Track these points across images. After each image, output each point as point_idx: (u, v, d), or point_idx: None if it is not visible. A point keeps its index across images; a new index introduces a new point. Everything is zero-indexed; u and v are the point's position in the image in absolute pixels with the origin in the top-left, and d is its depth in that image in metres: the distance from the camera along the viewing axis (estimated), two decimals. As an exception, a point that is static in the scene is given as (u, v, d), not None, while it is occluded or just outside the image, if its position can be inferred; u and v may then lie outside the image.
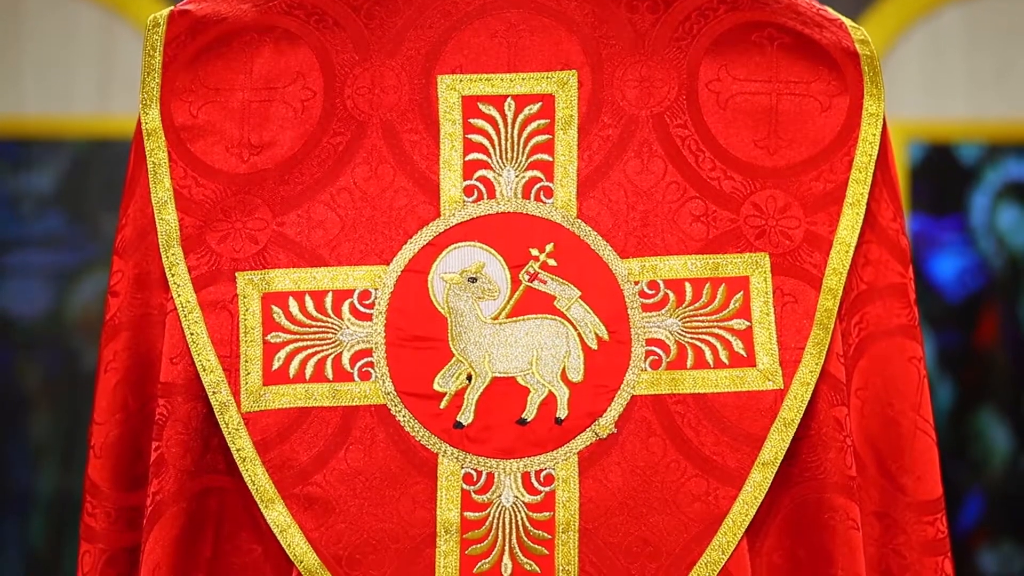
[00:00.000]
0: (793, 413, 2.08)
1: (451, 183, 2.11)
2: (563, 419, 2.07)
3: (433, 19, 2.14)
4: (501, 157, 2.12)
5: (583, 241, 2.10)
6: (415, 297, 2.09)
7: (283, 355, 2.09)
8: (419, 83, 2.13)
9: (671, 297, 2.10)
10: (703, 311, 2.10)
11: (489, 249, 2.10)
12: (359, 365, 2.08)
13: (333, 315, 2.09)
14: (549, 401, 2.07)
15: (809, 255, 2.11)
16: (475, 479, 2.06)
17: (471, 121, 2.12)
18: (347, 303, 2.09)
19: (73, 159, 4.81)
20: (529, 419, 2.07)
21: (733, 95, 2.13)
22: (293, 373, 2.08)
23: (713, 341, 2.09)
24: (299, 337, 2.09)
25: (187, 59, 2.15)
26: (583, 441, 2.07)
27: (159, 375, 2.14)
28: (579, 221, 2.10)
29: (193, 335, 2.09)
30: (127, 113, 2.20)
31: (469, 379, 2.07)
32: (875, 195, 2.17)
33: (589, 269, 2.09)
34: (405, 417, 2.07)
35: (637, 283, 2.10)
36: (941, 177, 4.82)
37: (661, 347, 2.09)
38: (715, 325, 2.09)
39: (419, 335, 2.08)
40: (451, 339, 2.08)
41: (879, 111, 2.15)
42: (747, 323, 2.09)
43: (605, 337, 2.08)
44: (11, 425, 4.82)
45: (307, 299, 2.10)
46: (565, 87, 2.13)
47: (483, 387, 2.07)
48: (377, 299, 2.09)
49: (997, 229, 4.89)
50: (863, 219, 2.14)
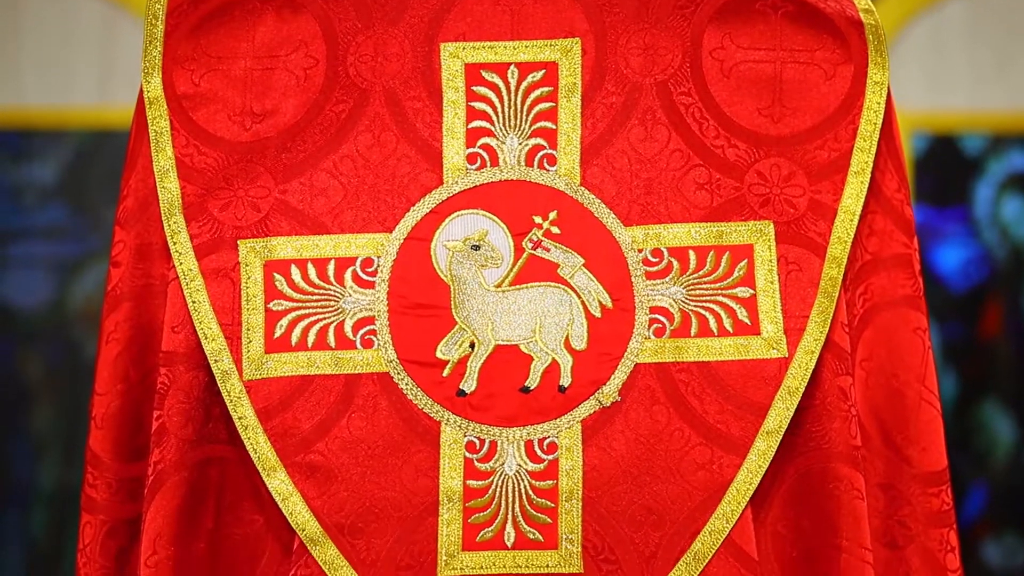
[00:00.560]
0: (797, 381, 2.07)
1: (454, 151, 2.10)
2: (566, 387, 2.06)
3: None
4: (504, 125, 2.11)
5: (586, 209, 2.09)
6: (418, 265, 2.08)
7: (285, 323, 2.08)
8: (422, 51, 2.12)
9: (675, 265, 2.09)
10: (707, 279, 2.09)
11: (492, 217, 2.09)
12: (361, 333, 2.07)
13: (335, 283, 2.08)
14: (552, 369, 2.06)
15: (813, 224, 2.10)
16: (478, 447, 2.05)
17: (474, 89, 2.11)
18: (349, 271, 2.08)
19: (75, 150, 4.80)
20: (532, 387, 2.06)
21: (737, 63, 2.12)
22: (295, 341, 2.07)
23: (717, 309, 2.08)
24: (301, 305, 2.08)
25: (189, 28, 2.14)
26: (586, 409, 2.06)
27: (161, 346, 2.13)
28: (582, 189, 2.09)
29: (195, 303, 2.09)
30: (129, 104, 2.19)
31: (472, 347, 2.06)
32: (880, 166, 2.16)
33: (593, 237, 2.08)
34: (408, 385, 2.06)
35: (641, 251, 2.09)
36: (945, 168, 4.81)
37: (665, 315, 2.08)
38: (719, 293, 2.08)
39: (422, 303, 2.07)
40: (454, 307, 2.07)
41: (884, 80, 2.14)
42: (751, 291, 2.08)
43: (609, 305, 2.07)
44: (13, 417, 4.81)
45: (309, 267, 2.09)
46: (569, 55, 2.12)
47: (486, 355, 2.06)
48: (380, 267, 2.08)
49: (1001, 220, 4.87)
50: (867, 189, 2.13)
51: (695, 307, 2.08)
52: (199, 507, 2.11)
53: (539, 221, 2.09)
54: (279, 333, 2.08)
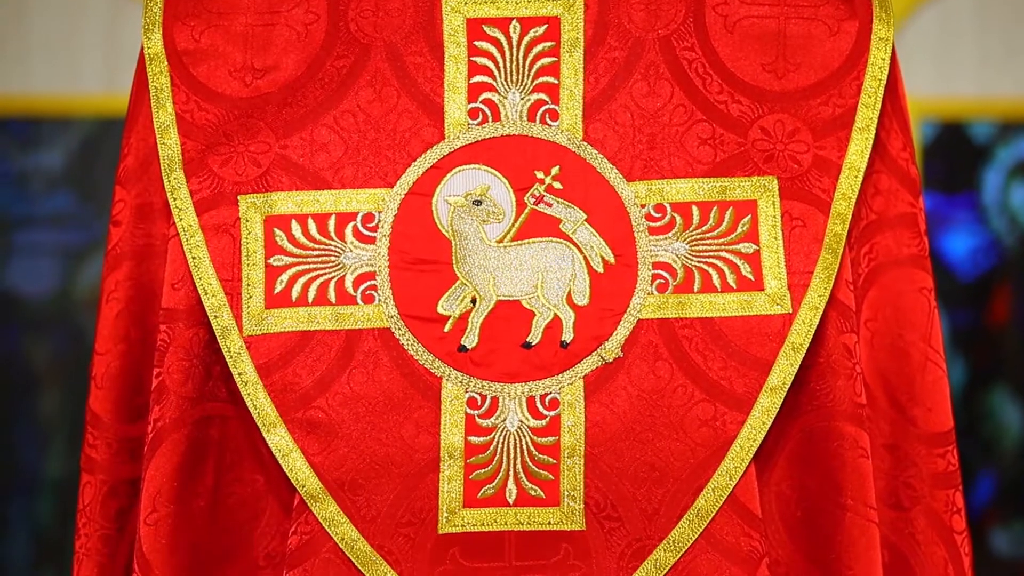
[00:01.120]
0: (801, 338, 2.05)
1: (456, 106, 2.09)
2: (568, 343, 2.04)
3: None
4: (506, 80, 2.10)
5: (589, 164, 2.07)
6: (419, 220, 2.06)
7: (285, 278, 2.07)
8: (423, 6, 2.11)
9: (678, 220, 2.07)
10: (710, 234, 2.07)
11: (494, 172, 2.07)
12: (362, 288, 2.06)
13: (336, 238, 2.07)
14: (554, 325, 2.05)
15: (818, 180, 2.08)
16: (479, 403, 2.04)
17: (476, 44, 2.10)
18: (350, 226, 2.07)
19: (81, 138, 4.80)
20: (534, 343, 2.04)
21: (740, 18, 2.11)
22: (295, 296, 2.06)
23: (720, 265, 2.06)
24: (302, 260, 2.07)
25: (190, -17, 2.14)
26: (589, 365, 2.04)
27: (161, 306, 2.12)
28: (585, 144, 2.08)
29: (195, 259, 2.07)
30: (136, 92, 2.20)
31: (473, 302, 2.05)
32: (884, 125, 2.14)
33: (595, 192, 2.07)
34: (409, 340, 2.04)
35: (643, 206, 2.07)
36: (953, 155, 4.79)
37: (668, 271, 2.06)
38: (722, 249, 2.07)
39: (423, 258, 2.06)
40: (455, 262, 2.05)
41: (888, 36, 2.12)
42: (755, 247, 2.07)
43: (611, 260, 2.06)
44: (19, 405, 4.80)
45: (310, 222, 2.07)
46: (571, 9, 2.10)
47: (488, 310, 2.05)
48: (381, 222, 2.07)
49: (1009, 207, 4.85)
50: (872, 148, 2.11)
51: (698, 263, 2.06)
52: (199, 465, 2.10)
53: (541, 176, 2.07)
54: (279, 288, 2.06)
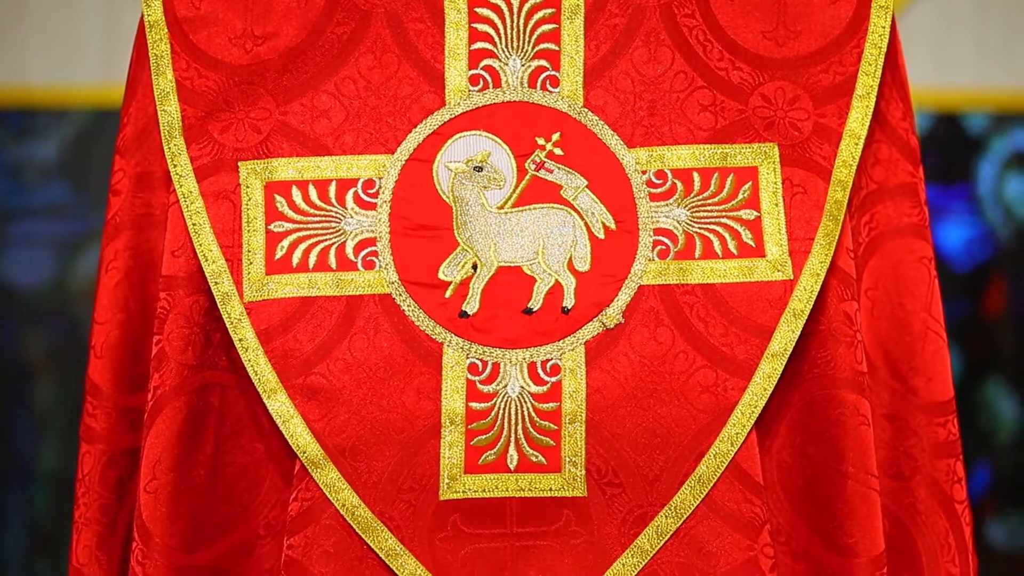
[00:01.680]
0: (803, 304, 2.05)
1: (456, 72, 2.09)
2: (570, 309, 2.04)
3: None
4: (507, 46, 2.09)
5: (590, 130, 2.07)
6: (420, 186, 2.06)
7: (286, 244, 2.06)
8: (424, -28, 2.11)
9: (679, 187, 2.07)
10: (711, 201, 2.07)
11: (495, 138, 2.07)
12: (363, 254, 2.05)
13: (337, 204, 2.07)
14: (555, 290, 2.04)
15: (818, 147, 2.08)
16: (480, 369, 2.03)
17: (476, 10, 2.10)
18: (351, 192, 2.07)
19: (78, 129, 4.79)
20: (535, 308, 2.04)
21: None
22: (296, 262, 2.06)
23: (721, 231, 2.06)
24: (302, 226, 2.07)
25: (190, -50, 2.13)
26: (590, 331, 2.04)
27: (160, 275, 2.11)
28: (585, 110, 2.08)
29: (195, 225, 2.07)
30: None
31: (474, 268, 2.04)
32: (884, 95, 2.14)
33: (596, 158, 2.06)
34: (410, 306, 2.04)
35: (644, 172, 2.07)
36: (948, 146, 4.80)
37: (669, 237, 2.06)
38: (723, 215, 2.07)
39: (424, 224, 2.05)
40: (456, 228, 2.05)
41: (888, 4, 2.12)
42: (756, 213, 2.07)
43: (612, 226, 2.06)
44: (14, 396, 4.79)
45: (310, 188, 2.07)
46: None
47: (488, 276, 2.04)
48: (381, 188, 2.06)
49: (1004, 199, 4.86)
50: (872, 117, 2.11)
51: (699, 229, 2.06)
52: (199, 433, 2.09)
53: (542, 142, 2.07)
54: (280, 254, 2.06)
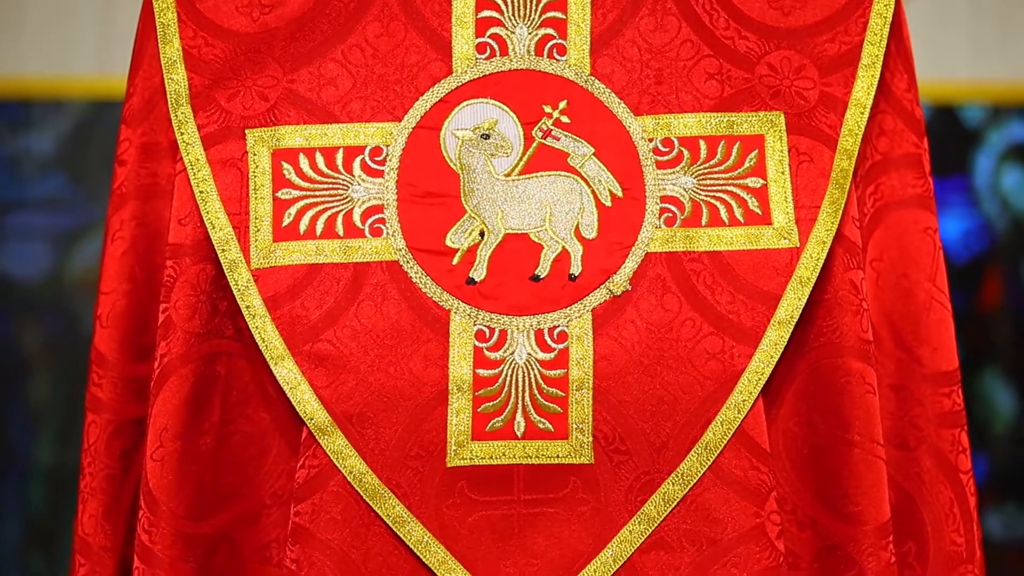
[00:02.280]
0: (809, 272, 2.05)
1: (464, 40, 2.09)
2: (577, 276, 2.04)
3: None
4: (514, 14, 2.10)
5: (597, 98, 2.08)
6: (427, 153, 2.06)
7: (293, 211, 2.06)
8: (431, -61, 2.11)
9: (685, 154, 2.07)
10: (717, 169, 2.07)
11: (502, 106, 2.07)
12: (370, 221, 2.05)
13: (344, 171, 2.07)
14: (563, 258, 2.04)
15: (824, 116, 2.08)
16: (488, 336, 2.03)
17: None
18: (358, 159, 2.07)
19: (74, 120, 4.79)
20: (542, 275, 2.04)
21: None
22: (303, 229, 2.06)
23: (728, 199, 2.06)
24: (310, 193, 2.07)
25: (196, -80, 2.13)
26: (597, 298, 2.04)
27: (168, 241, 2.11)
28: (592, 78, 2.08)
29: (202, 193, 2.07)
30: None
31: (482, 235, 2.05)
32: (889, 66, 2.15)
33: (603, 126, 2.07)
34: (417, 273, 2.04)
35: (651, 140, 2.07)
36: (945, 139, 4.80)
37: (676, 204, 2.06)
38: (730, 183, 2.07)
39: (431, 191, 2.05)
40: (463, 195, 2.05)
41: (893, -27, 2.13)
42: (762, 181, 2.07)
43: (619, 194, 2.06)
44: (11, 389, 4.78)
45: (318, 155, 2.07)
46: None
47: (496, 243, 2.04)
48: (388, 155, 2.07)
49: (1001, 191, 4.86)
50: (877, 88, 2.11)
51: (706, 196, 2.06)
52: (205, 402, 2.09)
53: (549, 110, 2.07)
54: (287, 222, 2.06)
